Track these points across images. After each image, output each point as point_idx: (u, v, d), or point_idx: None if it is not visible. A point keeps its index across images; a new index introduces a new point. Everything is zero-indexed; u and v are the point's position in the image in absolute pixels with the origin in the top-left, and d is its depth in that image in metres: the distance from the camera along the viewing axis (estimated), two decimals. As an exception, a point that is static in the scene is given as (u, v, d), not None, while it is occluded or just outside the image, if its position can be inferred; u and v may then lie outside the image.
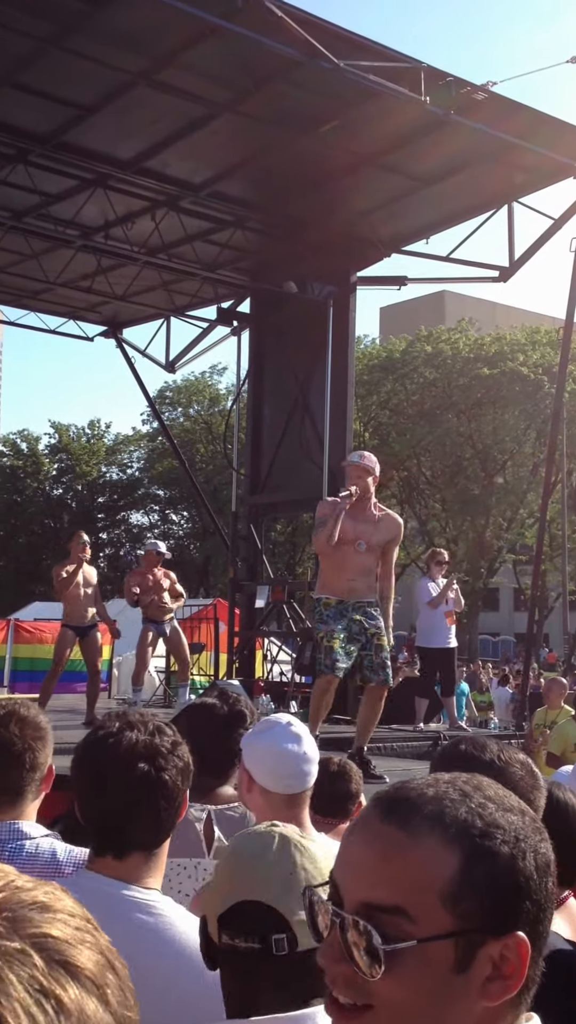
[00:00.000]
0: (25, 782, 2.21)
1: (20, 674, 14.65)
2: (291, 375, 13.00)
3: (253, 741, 2.36)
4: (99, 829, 1.79)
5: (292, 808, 2.31)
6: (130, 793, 1.74)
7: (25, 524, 46.67)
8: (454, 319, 42.36)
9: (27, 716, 2.27)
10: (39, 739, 2.25)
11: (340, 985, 0.94)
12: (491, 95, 9.79)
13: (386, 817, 0.96)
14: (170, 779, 1.77)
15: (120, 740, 1.77)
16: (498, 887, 0.93)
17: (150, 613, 10.16)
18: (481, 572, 37.85)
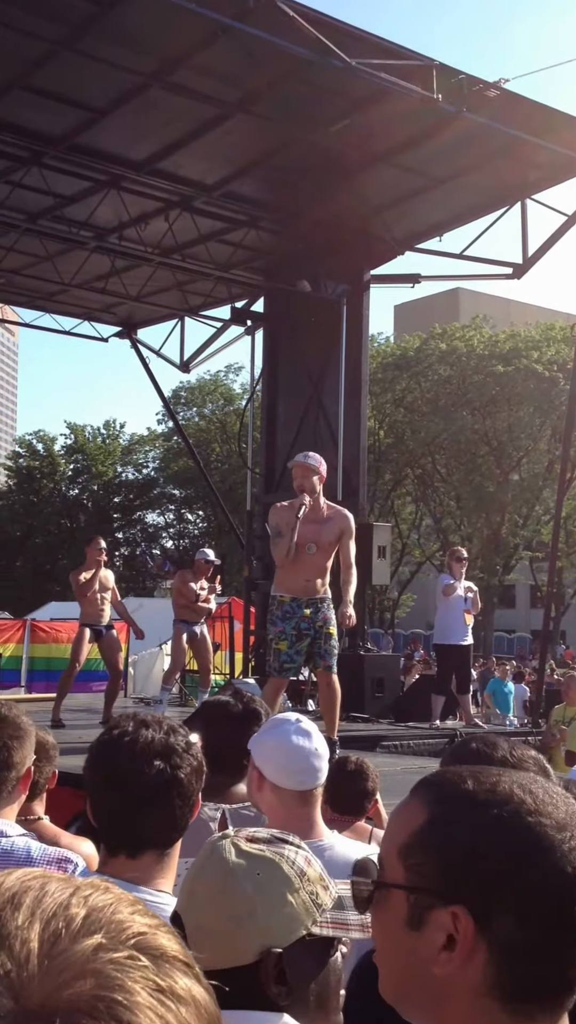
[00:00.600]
0: (1, 780, 2.22)
1: (37, 674, 14.71)
2: (305, 374, 13.00)
3: (262, 739, 2.35)
4: (112, 828, 1.79)
5: (304, 805, 2.30)
6: (146, 791, 1.75)
7: (42, 524, 46.84)
8: (468, 316, 42.24)
9: (7, 716, 2.29)
10: (16, 738, 2.27)
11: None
12: (503, 92, 9.77)
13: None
14: (185, 777, 1.78)
15: (136, 739, 1.78)
16: (448, 853, 0.96)
17: (184, 614, 10.21)
18: (497, 569, 37.74)
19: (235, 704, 2.80)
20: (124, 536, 48.78)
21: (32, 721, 2.42)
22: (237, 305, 13.75)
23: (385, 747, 8.83)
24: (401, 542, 37.71)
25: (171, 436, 44.24)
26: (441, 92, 9.19)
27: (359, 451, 12.57)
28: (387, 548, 12.09)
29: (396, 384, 37.00)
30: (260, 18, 8.28)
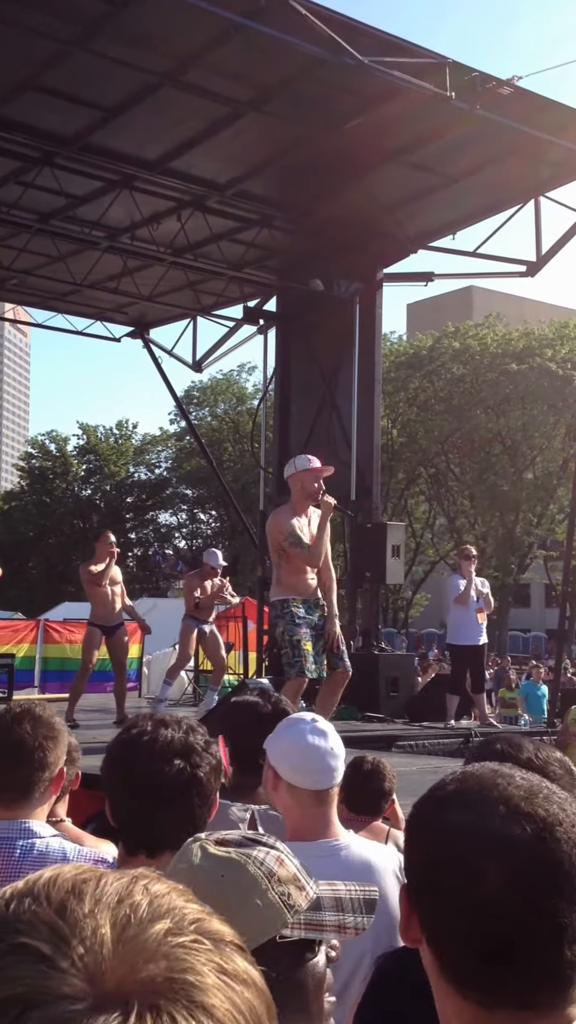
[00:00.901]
0: (33, 780, 2.22)
1: (50, 674, 14.74)
2: (318, 373, 12.98)
3: (278, 738, 2.33)
4: (132, 828, 1.78)
5: (319, 805, 2.28)
6: (165, 791, 1.74)
7: (54, 525, 46.97)
8: (482, 315, 42.12)
9: (41, 716, 2.29)
10: (51, 739, 2.26)
11: None
12: (516, 89, 9.72)
13: None
14: (204, 776, 1.77)
15: (156, 738, 1.78)
16: (406, 843, 1.10)
17: (194, 611, 10.22)
18: (511, 568, 37.63)
19: (264, 705, 2.78)
20: (137, 536, 48.86)
21: (63, 721, 2.42)
22: (249, 304, 13.73)
23: (400, 747, 8.80)
24: (415, 541, 37.65)
25: (183, 436, 44.30)
26: (454, 90, 9.15)
27: (372, 450, 12.54)
28: (401, 547, 12.05)
29: (409, 383, 36.95)
30: (272, 16, 8.26)
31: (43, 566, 45.28)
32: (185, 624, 10.15)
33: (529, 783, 1.04)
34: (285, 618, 6.68)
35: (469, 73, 9.39)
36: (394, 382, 34.79)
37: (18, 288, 14.54)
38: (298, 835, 2.27)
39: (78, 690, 9.55)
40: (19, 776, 2.21)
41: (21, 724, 2.24)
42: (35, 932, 0.50)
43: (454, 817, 1.01)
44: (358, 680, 11.20)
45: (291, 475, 6.89)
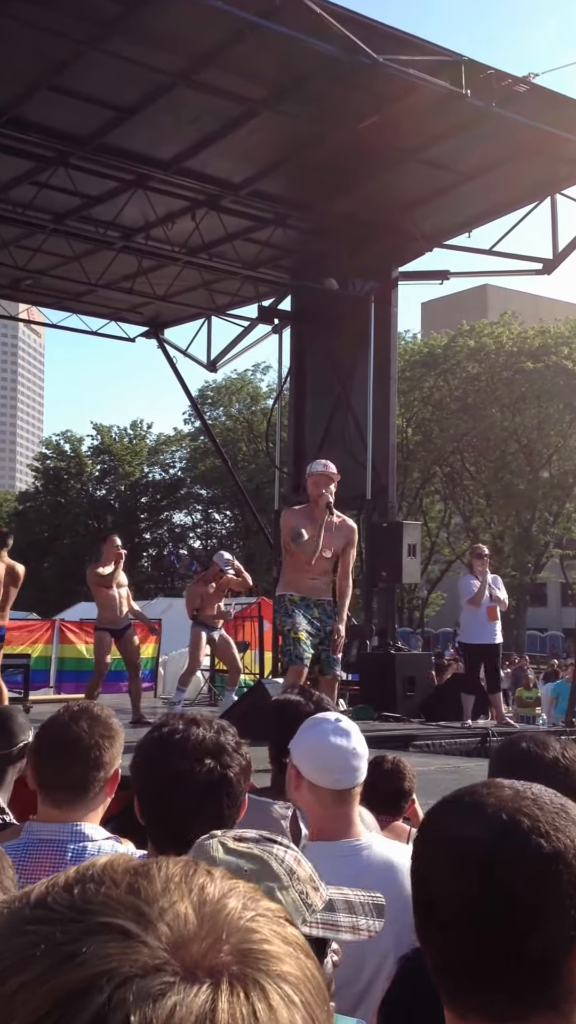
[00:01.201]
0: (89, 779, 2.19)
1: (66, 675, 14.76)
2: (333, 372, 12.95)
3: (300, 737, 2.32)
4: (160, 826, 1.78)
5: (341, 805, 2.27)
6: (197, 790, 1.74)
7: (69, 525, 47.10)
8: (497, 313, 41.98)
9: (99, 715, 2.27)
10: (108, 738, 2.24)
11: None
12: (533, 87, 9.68)
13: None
14: (234, 776, 1.77)
15: (187, 736, 1.77)
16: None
17: (203, 617, 10.22)
18: (528, 567, 37.49)
19: (307, 704, 2.77)
20: (151, 537, 48.96)
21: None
22: (264, 304, 13.73)
23: (417, 746, 8.76)
24: (430, 540, 37.58)
25: (198, 436, 44.35)
26: (470, 87, 9.12)
27: (388, 449, 12.50)
28: (417, 546, 12.01)
29: (424, 382, 36.87)
30: (287, 15, 8.25)
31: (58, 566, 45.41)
32: (194, 631, 10.16)
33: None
34: (280, 611, 6.88)
35: (484, 70, 9.35)
36: (409, 381, 34.71)
37: (33, 288, 14.57)
38: (320, 835, 2.26)
39: (92, 695, 9.53)
40: (74, 775, 2.18)
41: (78, 722, 2.22)
42: (114, 912, 0.52)
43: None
44: (375, 680, 11.23)
45: (306, 478, 7.17)
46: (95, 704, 2.34)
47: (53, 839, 2.13)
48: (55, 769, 2.19)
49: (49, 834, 2.14)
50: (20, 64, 9.27)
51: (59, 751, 2.19)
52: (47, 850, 2.10)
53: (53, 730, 2.22)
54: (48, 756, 2.21)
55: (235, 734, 1.84)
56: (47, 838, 2.13)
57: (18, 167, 11.02)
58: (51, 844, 2.12)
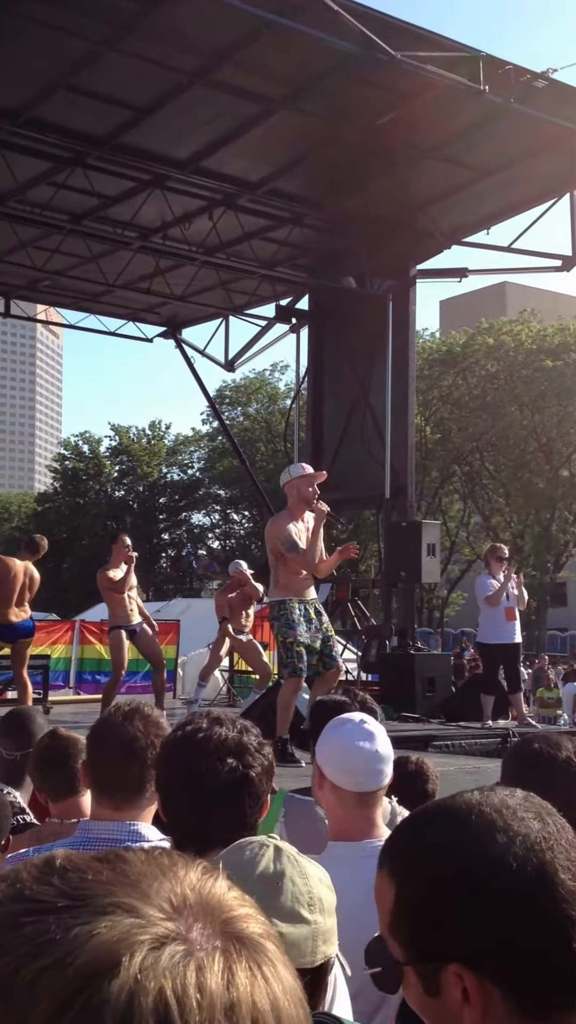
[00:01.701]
0: (145, 779, 2.19)
1: (86, 675, 14.79)
2: (351, 371, 12.91)
3: (324, 738, 2.31)
4: (183, 824, 1.78)
5: (363, 807, 2.25)
6: (219, 789, 1.74)
7: (87, 526, 47.28)
8: (516, 311, 41.78)
9: (150, 715, 2.29)
10: (161, 737, 2.24)
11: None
12: (551, 82, 9.59)
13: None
14: (256, 777, 1.77)
15: (210, 736, 1.78)
16: (421, 918, 0.99)
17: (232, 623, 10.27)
18: (548, 567, 37.29)
19: (351, 704, 2.77)
20: (170, 537, 49.06)
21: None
22: (282, 303, 13.70)
23: (437, 747, 8.71)
24: (449, 540, 37.44)
25: (216, 436, 44.40)
26: (488, 83, 9.05)
27: (407, 448, 12.45)
28: (436, 546, 11.94)
29: (442, 380, 36.75)
30: (303, 13, 8.22)
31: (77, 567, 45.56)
32: (223, 627, 10.16)
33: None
34: (280, 620, 6.94)
35: (503, 66, 9.29)
36: (427, 379, 34.62)
37: (51, 289, 14.60)
38: (342, 835, 2.26)
39: (110, 698, 9.51)
40: (132, 775, 2.19)
41: (132, 722, 2.23)
42: (115, 892, 0.54)
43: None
44: (394, 680, 11.18)
45: (287, 483, 7.30)
46: (145, 704, 2.35)
47: (111, 838, 2.14)
48: (113, 769, 2.20)
49: (107, 833, 2.15)
50: (37, 65, 9.28)
51: (116, 751, 2.20)
52: (105, 848, 2.09)
53: (108, 730, 2.24)
54: (105, 756, 2.22)
55: (258, 734, 1.84)
56: (105, 836, 2.14)
57: (36, 168, 11.03)
58: (109, 843, 2.12)
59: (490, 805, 1.01)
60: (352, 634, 13.49)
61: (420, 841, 1.03)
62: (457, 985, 0.96)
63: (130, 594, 9.33)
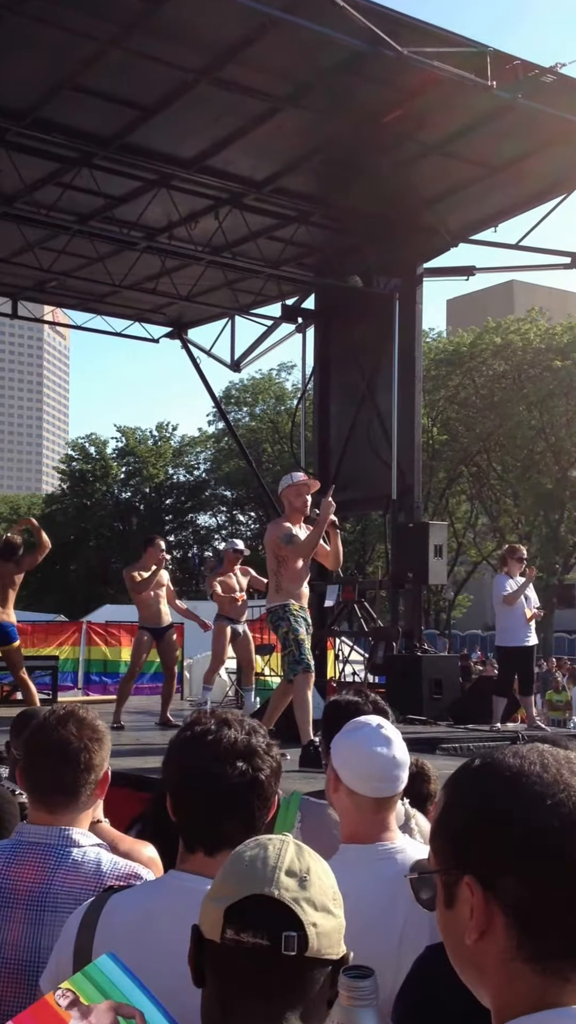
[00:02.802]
0: (80, 783, 2.20)
1: (93, 676, 14.77)
2: (358, 371, 12.86)
3: (341, 741, 2.29)
4: (191, 826, 1.78)
5: (379, 812, 2.24)
6: (227, 791, 1.74)
7: (94, 527, 47.32)
8: (524, 309, 41.66)
9: (85, 718, 2.29)
10: (96, 740, 2.26)
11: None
12: (560, 76, 9.51)
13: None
14: (265, 779, 1.77)
15: (219, 738, 1.77)
16: (451, 829, 1.06)
17: (227, 611, 10.15)
18: (556, 568, 37.15)
19: (365, 704, 2.77)
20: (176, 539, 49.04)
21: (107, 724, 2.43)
22: (288, 302, 13.65)
23: (444, 749, 8.65)
24: (456, 541, 37.34)
25: (222, 437, 44.38)
26: (496, 79, 8.98)
27: (413, 449, 12.38)
28: (443, 547, 11.88)
29: (449, 380, 36.65)
30: (309, 9, 8.17)
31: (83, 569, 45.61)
32: (218, 625, 10.12)
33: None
34: (287, 619, 7.13)
35: (510, 61, 9.21)
36: (434, 379, 34.53)
37: (57, 290, 14.59)
38: (354, 838, 2.25)
39: (125, 693, 9.56)
40: (65, 779, 2.20)
41: (66, 725, 2.24)
42: None
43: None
44: (401, 682, 11.11)
45: (281, 491, 7.48)
46: (80, 707, 2.34)
47: (41, 842, 2.14)
48: (46, 774, 2.21)
49: (38, 837, 2.15)
50: (43, 65, 9.25)
51: (49, 756, 2.21)
52: (34, 852, 2.12)
53: (41, 735, 2.24)
54: (38, 761, 2.23)
55: (266, 735, 1.83)
56: (36, 840, 2.15)
57: (42, 168, 11.01)
58: (38, 847, 2.13)
59: (556, 756, 1.06)
60: (359, 636, 13.43)
61: (480, 762, 1.08)
62: (467, 901, 1.02)
63: (159, 593, 9.42)
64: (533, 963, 0.99)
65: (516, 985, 1.00)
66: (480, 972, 1.04)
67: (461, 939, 1.04)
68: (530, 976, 0.99)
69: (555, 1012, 0.98)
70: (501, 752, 1.08)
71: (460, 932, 1.04)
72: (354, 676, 13.24)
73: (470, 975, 1.06)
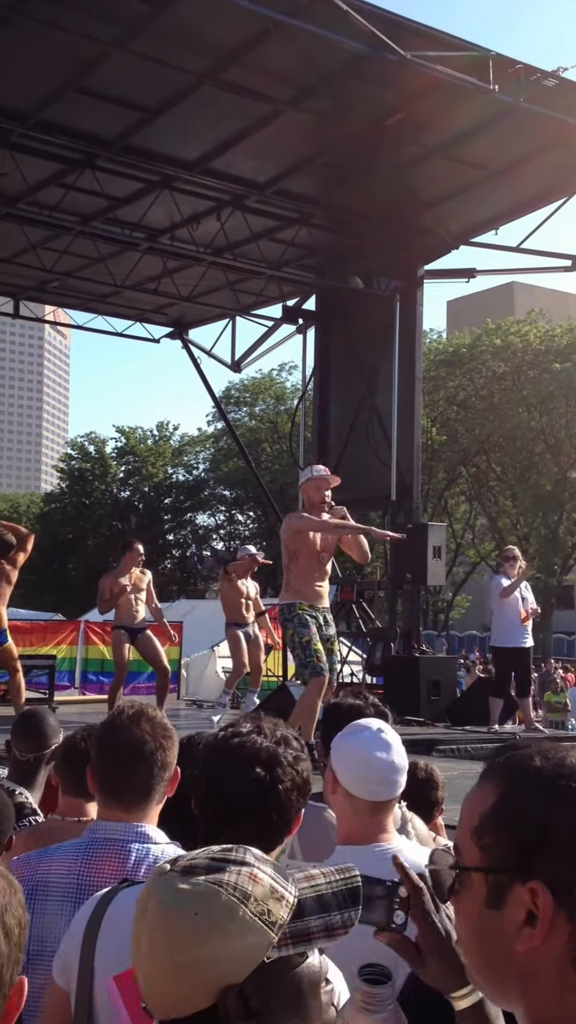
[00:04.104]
0: (156, 781, 2.21)
1: (91, 675, 14.79)
2: (358, 372, 12.89)
3: (341, 744, 2.30)
4: (210, 824, 1.78)
5: (376, 815, 2.25)
6: (243, 795, 1.74)
7: (93, 527, 47.30)
8: (524, 311, 41.66)
9: (155, 716, 2.29)
10: (168, 738, 2.26)
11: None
12: (562, 81, 9.55)
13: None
14: (283, 790, 1.75)
15: (245, 743, 1.78)
16: (521, 828, 0.98)
17: (235, 616, 10.17)
18: (555, 569, 37.17)
19: (366, 707, 2.78)
20: (175, 538, 49.04)
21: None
22: (288, 303, 13.68)
23: (441, 751, 8.68)
24: (455, 542, 37.34)
25: (221, 437, 44.37)
26: (497, 83, 9.02)
27: (413, 450, 12.42)
28: (442, 548, 11.91)
29: (449, 381, 36.65)
30: (313, 13, 8.19)
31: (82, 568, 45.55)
32: (231, 633, 10.10)
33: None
34: (293, 621, 6.83)
35: (512, 65, 9.25)
36: (434, 380, 34.52)
37: (59, 290, 14.62)
38: (350, 839, 2.27)
39: (115, 696, 9.50)
40: (141, 778, 2.20)
41: (139, 725, 2.23)
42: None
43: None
44: (399, 683, 11.14)
45: (300, 485, 7.25)
46: (149, 706, 2.34)
47: (118, 839, 2.14)
48: (122, 773, 2.20)
49: (114, 833, 2.15)
50: (47, 67, 9.28)
51: (125, 755, 2.20)
52: (111, 849, 2.13)
53: (116, 734, 2.23)
54: (115, 760, 2.22)
55: (299, 749, 1.81)
56: (112, 837, 2.14)
57: (45, 169, 11.03)
58: (115, 843, 2.13)
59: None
60: (357, 636, 13.45)
61: (551, 756, 1.02)
62: (524, 905, 0.96)
63: (138, 597, 9.33)
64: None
65: (570, 995, 0.96)
66: (526, 981, 0.98)
67: (505, 943, 0.98)
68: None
69: None
70: (564, 752, 1.04)
71: (505, 936, 0.98)
72: (352, 677, 13.26)
73: (509, 983, 1.00)
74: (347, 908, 1.12)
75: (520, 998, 0.99)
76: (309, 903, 1.10)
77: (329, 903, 1.11)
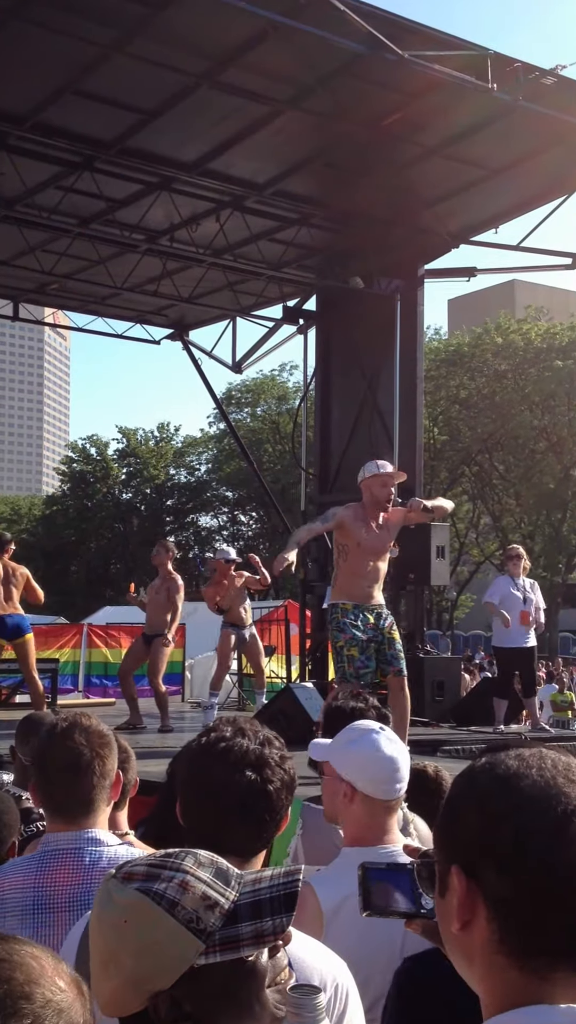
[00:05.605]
0: (97, 791, 2.23)
1: (94, 679, 14.79)
2: (359, 372, 12.87)
3: (351, 750, 2.30)
4: (199, 832, 1.78)
5: (388, 814, 2.29)
6: (234, 800, 1.74)
7: (95, 529, 47.33)
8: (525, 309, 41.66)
9: (89, 725, 2.30)
10: (105, 746, 2.27)
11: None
12: (561, 79, 9.53)
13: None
14: (274, 791, 1.76)
15: (231, 747, 1.78)
16: (444, 821, 1.09)
17: (231, 618, 10.20)
18: (559, 568, 37.15)
19: (368, 710, 2.80)
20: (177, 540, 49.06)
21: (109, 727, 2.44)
22: (289, 304, 13.67)
23: (446, 751, 8.66)
24: (459, 542, 37.34)
25: (223, 438, 44.39)
26: (496, 82, 8.99)
27: (415, 449, 12.40)
28: (445, 548, 11.88)
29: (451, 380, 36.66)
30: (311, 14, 8.17)
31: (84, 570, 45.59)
32: (224, 632, 10.16)
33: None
34: (332, 624, 6.73)
35: (511, 63, 9.23)
36: (435, 379, 34.52)
37: (58, 292, 14.61)
38: (358, 842, 2.29)
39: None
40: (83, 789, 2.21)
41: (72, 738, 2.24)
42: None
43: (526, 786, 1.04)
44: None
45: (360, 481, 6.89)
46: (81, 715, 2.36)
47: (70, 848, 2.16)
48: (62, 788, 2.22)
49: (65, 843, 2.17)
50: (45, 69, 9.27)
51: (63, 769, 2.21)
52: (65, 859, 2.14)
53: (52, 749, 2.24)
54: (54, 776, 2.23)
55: (281, 747, 1.83)
56: (64, 847, 2.16)
57: (44, 172, 11.03)
58: (68, 852, 2.15)
59: (555, 761, 1.07)
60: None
61: (483, 760, 1.11)
62: (454, 890, 1.05)
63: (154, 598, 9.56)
64: (513, 959, 1.00)
65: (497, 979, 1.02)
66: (468, 961, 1.06)
67: (449, 926, 1.07)
68: (510, 971, 1.01)
69: (532, 1010, 0.99)
70: (505, 752, 1.10)
71: (449, 920, 1.06)
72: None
73: (459, 963, 1.08)
74: (279, 914, 1.11)
75: (472, 978, 1.07)
76: (244, 909, 1.11)
77: (263, 908, 1.11)
